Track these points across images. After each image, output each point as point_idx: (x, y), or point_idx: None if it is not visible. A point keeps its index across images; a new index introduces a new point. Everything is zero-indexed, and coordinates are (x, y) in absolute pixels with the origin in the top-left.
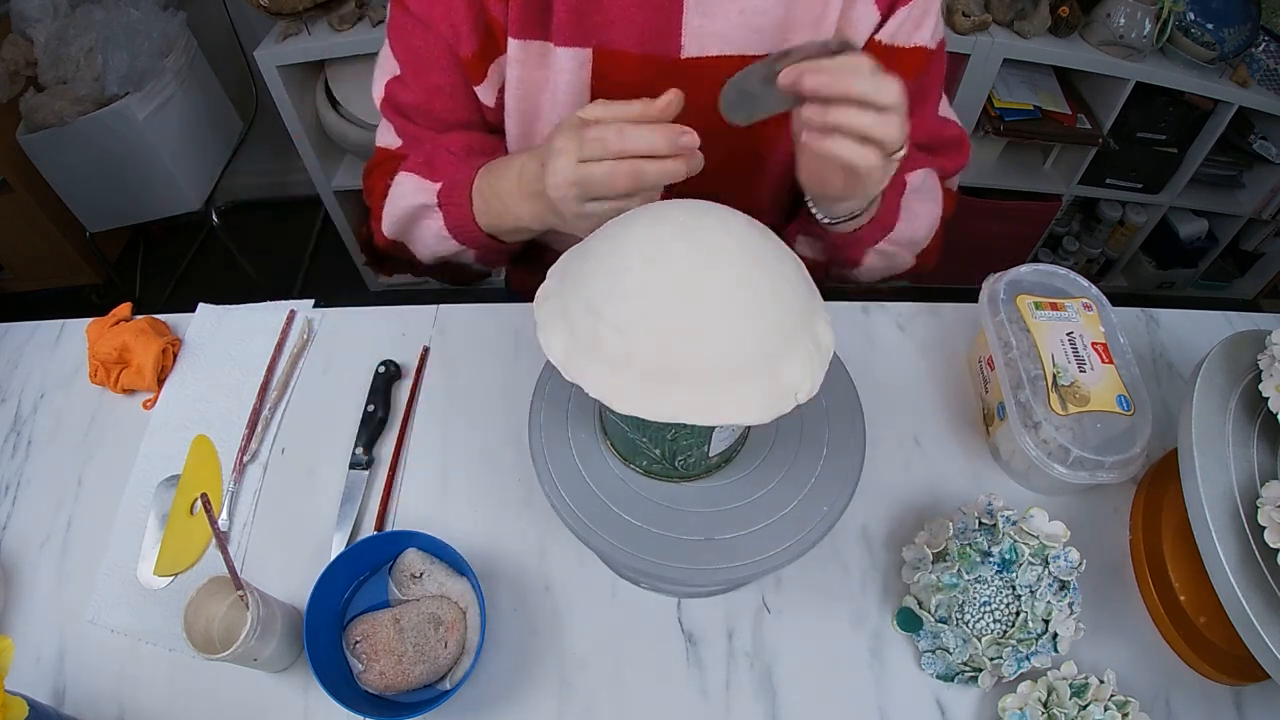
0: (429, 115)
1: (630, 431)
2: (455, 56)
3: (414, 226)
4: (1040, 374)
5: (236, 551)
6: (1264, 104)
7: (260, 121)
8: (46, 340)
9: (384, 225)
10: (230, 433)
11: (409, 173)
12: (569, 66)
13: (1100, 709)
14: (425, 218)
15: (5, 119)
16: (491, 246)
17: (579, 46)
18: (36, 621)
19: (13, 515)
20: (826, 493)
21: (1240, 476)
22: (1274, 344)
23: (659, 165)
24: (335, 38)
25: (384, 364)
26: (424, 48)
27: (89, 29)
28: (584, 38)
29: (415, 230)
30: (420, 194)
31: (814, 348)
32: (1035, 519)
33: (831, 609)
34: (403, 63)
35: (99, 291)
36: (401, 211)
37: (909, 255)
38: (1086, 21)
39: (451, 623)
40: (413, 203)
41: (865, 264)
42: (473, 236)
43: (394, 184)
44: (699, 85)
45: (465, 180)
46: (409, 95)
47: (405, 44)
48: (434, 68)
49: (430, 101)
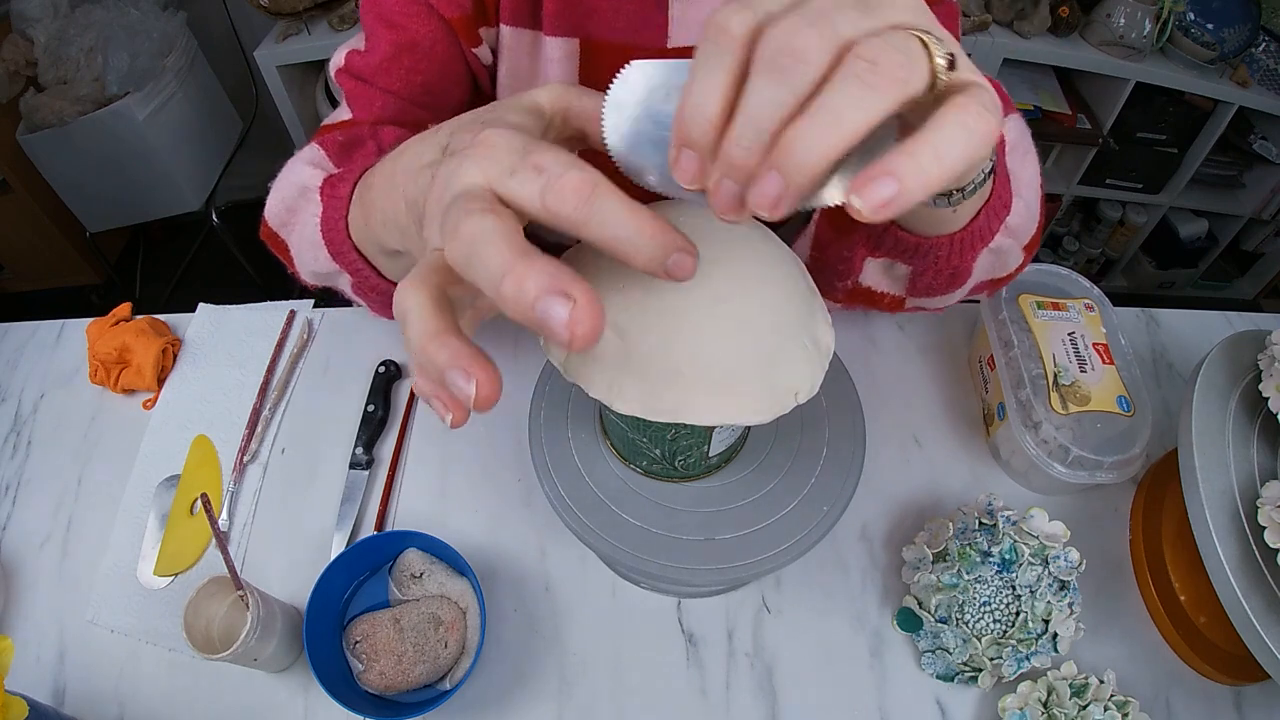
0: (392, 74)
1: (630, 431)
2: (438, 14)
3: (292, 220)
4: (1041, 373)
5: (236, 551)
6: (1264, 104)
7: (260, 121)
8: (46, 340)
9: (268, 207)
10: (230, 433)
11: (316, 145)
12: (556, 57)
13: (1100, 709)
14: (303, 208)
15: (5, 119)
16: (364, 273)
17: (566, 37)
18: (36, 621)
19: (13, 515)
20: (826, 493)
21: (1240, 476)
22: (1274, 344)
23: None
24: (335, 38)
25: (384, 364)
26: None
27: (89, 29)
28: (571, 28)
29: (293, 225)
30: (308, 172)
31: (814, 348)
32: (1035, 519)
33: (831, 609)
34: (373, 21)
35: (99, 291)
36: (285, 189)
37: (1020, 251)
38: (1086, 21)
39: (451, 623)
40: (296, 179)
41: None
42: (340, 246)
43: (295, 154)
44: None
45: (359, 171)
46: (372, 56)
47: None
48: (413, 19)
49: (399, 57)
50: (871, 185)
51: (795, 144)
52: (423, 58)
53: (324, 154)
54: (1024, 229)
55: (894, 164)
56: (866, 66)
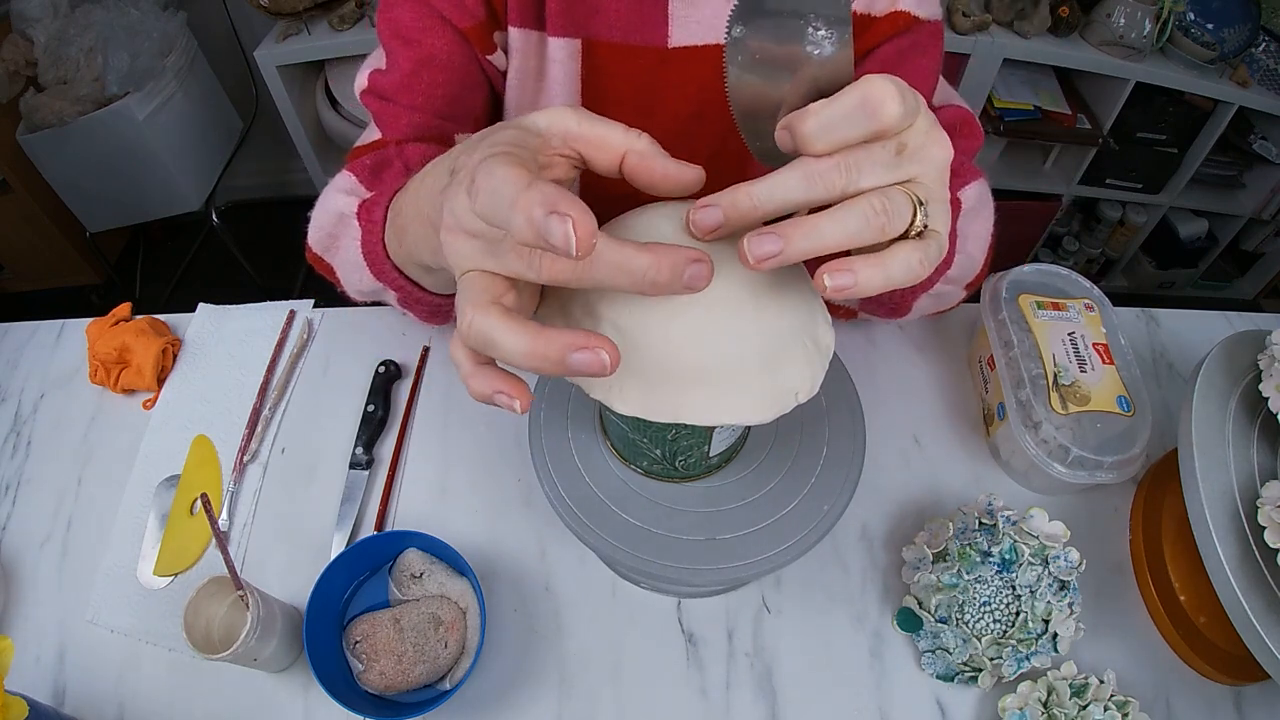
0: (415, 90)
1: (630, 432)
2: (452, 26)
3: (334, 245)
4: (1041, 373)
5: (236, 551)
6: (1264, 104)
7: (260, 121)
8: (46, 340)
9: (310, 234)
10: (230, 433)
11: (348, 172)
12: (560, 57)
13: (1100, 709)
14: (344, 234)
15: (5, 119)
16: (407, 289)
17: (569, 37)
18: (36, 621)
19: (13, 515)
20: (826, 493)
21: (1240, 477)
22: (1274, 344)
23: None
24: (335, 38)
25: (384, 364)
26: (417, 17)
27: (89, 29)
28: (574, 28)
29: (336, 250)
30: (343, 200)
31: (814, 348)
32: (1035, 519)
33: (831, 609)
34: (390, 38)
35: (99, 291)
36: (324, 218)
37: (960, 290)
38: (1086, 21)
39: (451, 623)
40: (334, 207)
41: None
42: (382, 265)
43: (331, 182)
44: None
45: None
46: (393, 75)
47: (395, 18)
48: (428, 33)
49: (419, 73)
50: (838, 274)
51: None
52: (442, 70)
53: (355, 180)
54: (964, 277)
55: (856, 265)
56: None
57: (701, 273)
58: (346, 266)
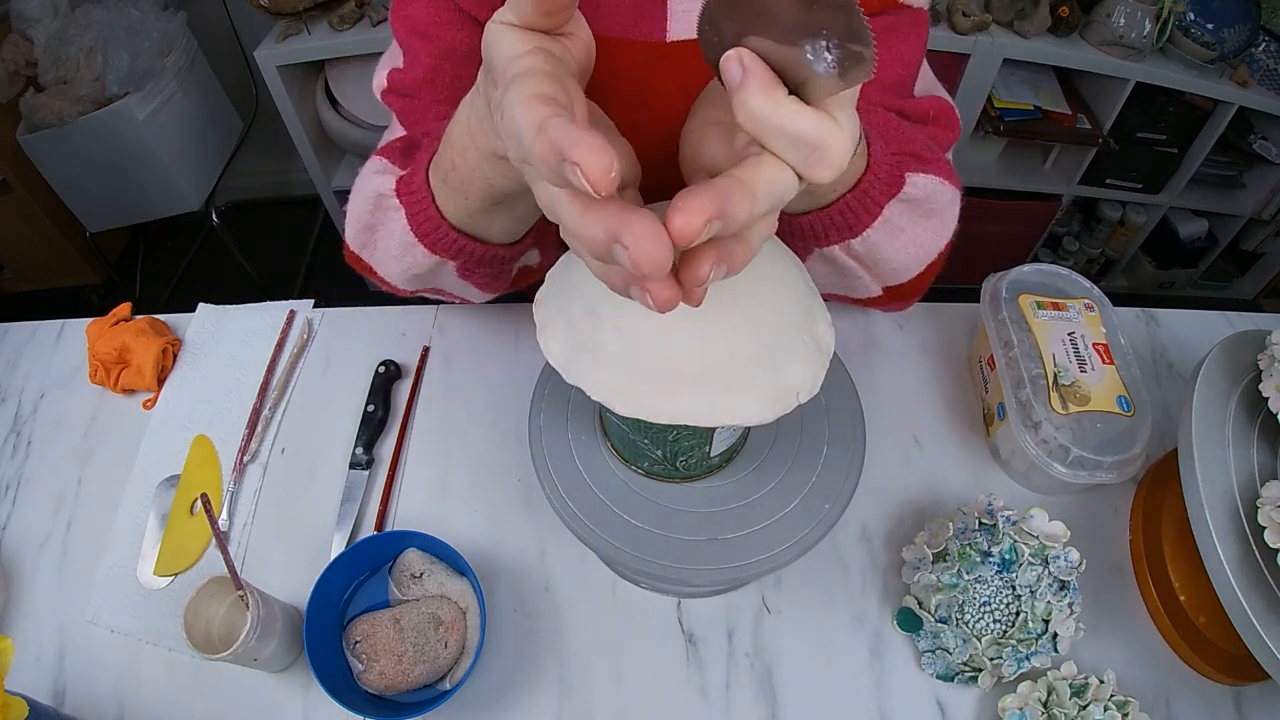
0: (437, 84)
1: (631, 433)
2: (470, 17)
3: (374, 234)
4: (1041, 373)
5: (236, 551)
6: (1264, 104)
7: (260, 121)
8: (46, 340)
9: (347, 230)
10: (230, 433)
11: (377, 156)
12: None
13: (1100, 709)
14: (384, 219)
15: (5, 119)
16: (471, 251)
17: None
18: (36, 621)
19: (13, 515)
20: (826, 493)
21: (1240, 477)
22: (1274, 344)
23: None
24: (335, 38)
25: (384, 364)
26: (432, 11)
27: (89, 29)
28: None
29: (377, 238)
30: (379, 180)
31: (814, 348)
32: (1035, 519)
33: (831, 609)
34: (407, 35)
35: (99, 291)
36: (361, 207)
37: (873, 282)
38: (1086, 21)
39: (451, 623)
40: (371, 190)
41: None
42: (438, 233)
43: (361, 171)
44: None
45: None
46: (413, 72)
47: (410, 15)
48: (446, 26)
49: (440, 67)
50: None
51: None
52: (463, 62)
53: (387, 161)
54: (887, 270)
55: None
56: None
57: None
58: (390, 251)
